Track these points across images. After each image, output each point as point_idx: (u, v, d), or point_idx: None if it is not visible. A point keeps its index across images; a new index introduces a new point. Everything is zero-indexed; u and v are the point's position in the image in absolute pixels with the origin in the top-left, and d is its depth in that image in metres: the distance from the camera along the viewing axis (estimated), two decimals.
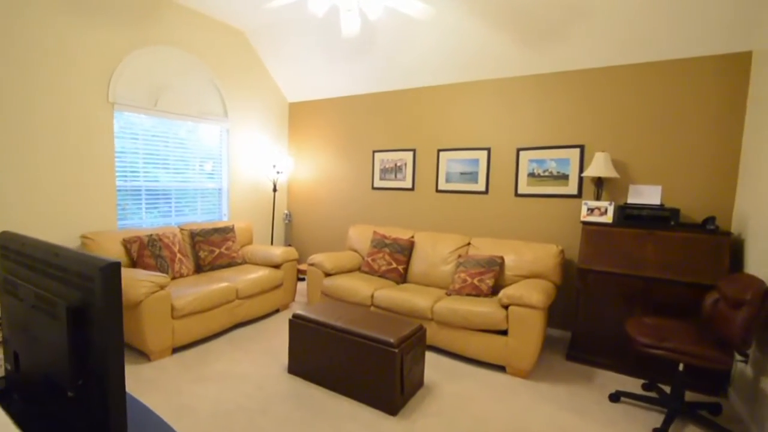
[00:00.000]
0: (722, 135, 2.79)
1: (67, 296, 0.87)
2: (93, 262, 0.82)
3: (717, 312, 2.25)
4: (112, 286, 0.81)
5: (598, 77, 3.16)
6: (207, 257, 3.64)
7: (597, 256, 2.89)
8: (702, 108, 2.84)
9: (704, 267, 2.58)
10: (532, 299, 2.64)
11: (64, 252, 0.90)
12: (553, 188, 3.36)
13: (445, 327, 2.97)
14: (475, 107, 3.72)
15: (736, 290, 2.09)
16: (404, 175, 4.17)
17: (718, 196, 2.81)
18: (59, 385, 0.90)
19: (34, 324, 0.94)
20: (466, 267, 3.33)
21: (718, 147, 2.80)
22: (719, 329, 2.16)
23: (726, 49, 2.72)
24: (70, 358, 0.84)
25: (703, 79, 2.82)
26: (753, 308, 1.96)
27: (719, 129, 2.79)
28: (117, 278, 0.81)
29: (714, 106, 2.80)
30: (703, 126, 2.84)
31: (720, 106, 2.78)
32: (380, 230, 4.02)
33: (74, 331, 0.84)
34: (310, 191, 4.92)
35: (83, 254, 0.87)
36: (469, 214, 3.81)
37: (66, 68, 2.99)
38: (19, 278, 1.00)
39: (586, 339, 2.93)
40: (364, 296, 3.33)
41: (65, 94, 3.01)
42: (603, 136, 3.16)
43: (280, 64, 4.53)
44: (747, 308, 1.98)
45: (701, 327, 2.38)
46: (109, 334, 0.81)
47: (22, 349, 1.00)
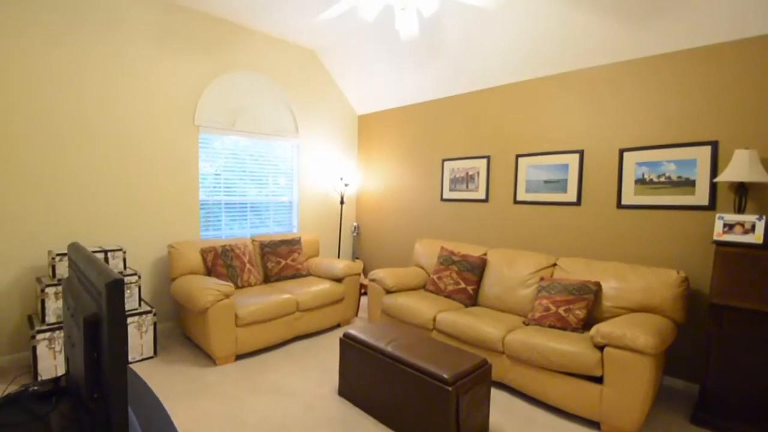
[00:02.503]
0: None
1: (88, 308, 0.89)
2: (103, 276, 0.83)
3: None
4: (115, 302, 0.81)
5: (733, 52, 2.40)
6: (274, 268, 3.68)
7: (738, 288, 2.12)
8: None
9: None
10: (637, 341, 2.01)
11: (93, 264, 0.94)
12: (671, 197, 2.62)
13: (520, 364, 2.46)
14: (562, 104, 3.16)
15: None
16: (477, 185, 3.74)
17: None
18: (81, 394, 0.94)
19: (73, 332, 1.00)
20: (550, 293, 2.76)
21: None
22: None
23: None
24: (86, 370, 0.88)
25: None
26: None
27: None
28: (120, 294, 0.81)
29: None
30: None
31: None
32: (448, 246, 3.64)
33: (91, 344, 0.86)
34: (378, 203, 4.76)
35: (103, 267, 0.89)
36: (556, 230, 3.22)
37: (156, 95, 3.31)
38: (71, 287, 1.09)
39: (720, 398, 2.15)
40: (426, 318, 2.98)
41: (157, 118, 3.33)
42: (745, 127, 2.37)
43: (348, 77, 4.52)
44: None
45: None
46: (111, 350, 0.81)
47: (70, 355, 1.09)
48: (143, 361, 2.80)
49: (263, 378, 2.62)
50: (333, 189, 4.77)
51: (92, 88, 2.98)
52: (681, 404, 2.45)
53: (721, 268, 2.20)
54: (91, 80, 2.97)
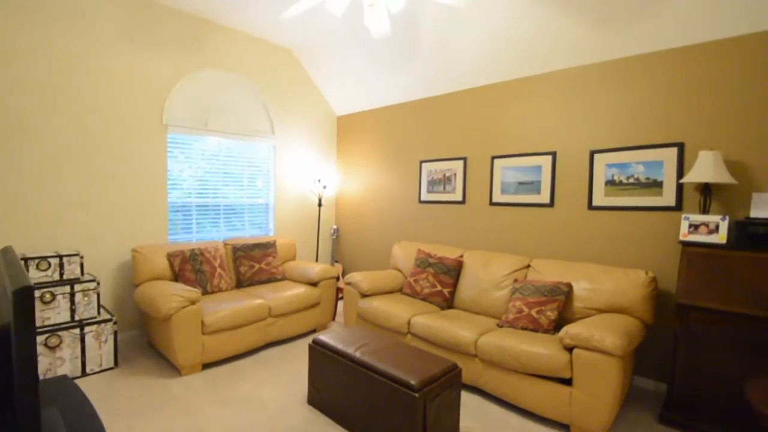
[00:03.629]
0: None
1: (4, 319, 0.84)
2: (13, 283, 0.76)
3: None
4: (22, 312, 0.73)
5: (699, 55, 2.44)
6: (247, 272, 3.58)
7: (704, 289, 2.14)
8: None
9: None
10: (605, 342, 2.01)
11: (12, 269, 0.86)
12: (640, 198, 2.65)
13: (492, 367, 2.44)
14: (535, 106, 3.17)
15: None
16: (454, 187, 3.73)
17: None
18: None
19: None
20: (523, 294, 2.76)
21: None
22: None
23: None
24: None
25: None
26: None
27: None
28: (29, 304, 0.74)
29: None
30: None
31: None
32: (425, 248, 3.61)
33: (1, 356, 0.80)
34: (357, 205, 4.71)
35: (17, 273, 0.81)
36: (530, 231, 3.22)
37: (121, 92, 3.20)
38: None
39: (687, 397, 2.17)
40: (400, 322, 2.93)
41: (122, 116, 3.21)
42: (710, 129, 2.41)
43: (327, 77, 4.46)
44: None
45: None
46: (19, 366, 0.74)
47: None
48: (102, 372, 2.67)
49: (231, 388, 2.53)
50: (311, 191, 4.69)
51: (50, 82, 2.84)
52: (650, 404, 2.46)
53: (687, 268, 2.22)
54: (49, 74, 2.83)
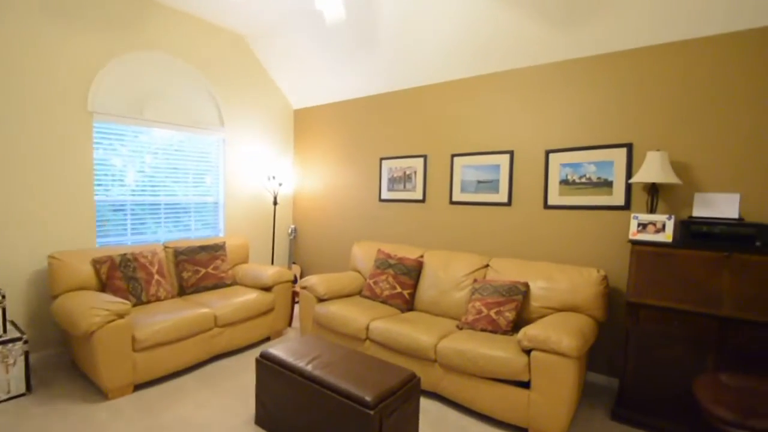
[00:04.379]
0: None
1: None
2: None
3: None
4: None
5: (649, 57, 2.50)
6: (191, 278, 3.30)
7: (652, 286, 2.20)
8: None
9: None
10: (561, 344, 2.00)
11: None
12: (592, 198, 2.69)
13: (452, 372, 2.38)
14: (494, 104, 3.15)
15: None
16: (414, 185, 3.65)
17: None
18: None
19: None
20: (482, 294, 2.73)
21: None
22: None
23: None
24: None
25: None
26: None
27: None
28: None
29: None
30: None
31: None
32: (385, 248, 3.51)
33: None
34: (316, 204, 4.52)
35: None
36: (489, 230, 3.21)
37: (40, 74, 2.79)
38: None
39: (637, 394, 2.23)
40: (359, 327, 2.81)
41: (38, 102, 2.81)
42: (657, 131, 2.48)
43: (282, 68, 4.21)
44: None
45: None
46: None
47: None
48: (11, 400, 2.30)
49: (167, 411, 2.28)
50: (265, 188, 4.43)
51: None
52: (603, 399, 2.52)
53: (637, 266, 2.28)
54: None
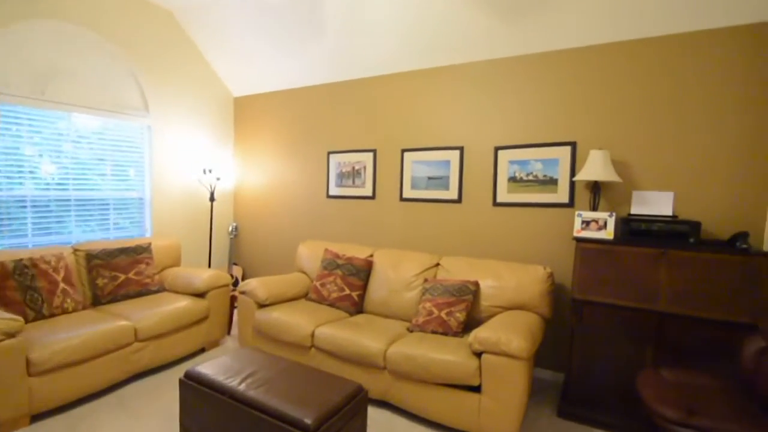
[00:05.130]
0: (751, 126, 2.18)
1: None
2: None
3: (765, 368, 1.61)
4: None
5: (594, 56, 2.54)
6: (107, 285, 2.88)
7: (595, 283, 2.23)
8: (724, 93, 2.23)
9: (736, 299, 1.94)
10: (511, 346, 1.96)
11: None
12: (539, 195, 2.70)
13: (401, 379, 2.26)
14: (445, 98, 3.07)
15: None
16: (363, 181, 3.49)
17: (749, 206, 2.20)
18: None
19: None
20: (433, 295, 2.64)
21: (747, 141, 2.19)
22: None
23: (754, 18, 2.12)
24: None
25: (727, 56, 2.21)
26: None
27: (747, 119, 2.19)
28: None
29: (739, 91, 2.19)
30: (727, 116, 2.23)
31: (747, 90, 2.18)
32: (333, 247, 3.31)
33: None
34: (260, 200, 4.19)
35: None
36: (440, 228, 3.14)
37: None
38: None
39: (583, 390, 2.26)
40: (303, 334, 2.61)
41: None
42: (600, 130, 2.53)
43: (220, 50, 3.83)
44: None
45: (741, 386, 1.73)
46: None
47: None
48: None
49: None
50: (200, 183, 4.03)
51: None
52: (550, 396, 2.55)
53: (580, 263, 2.30)
54: None
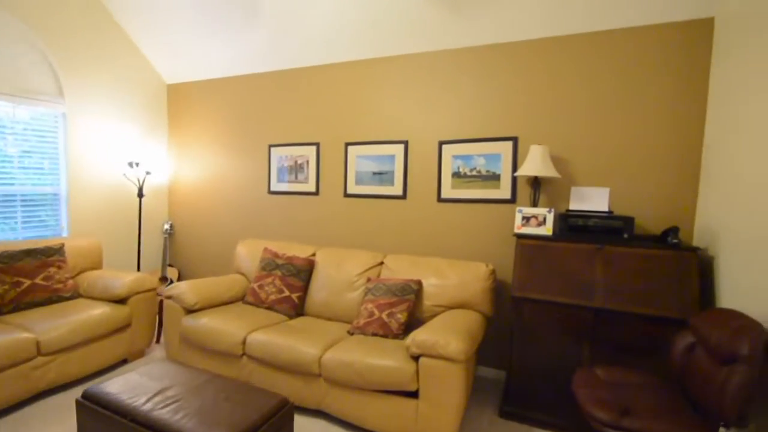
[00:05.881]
0: (681, 123, 2.22)
1: None
2: None
3: (693, 364, 1.62)
4: None
5: (534, 50, 2.50)
6: (8, 293, 2.52)
7: (535, 280, 2.20)
8: (657, 89, 2.26)
9: (668, 294, 1.96)
10: (448, 348, 1.87)
11: None
12: (482, 191, 2.65)
13: (338, 386, 2.13)
14: (390, 90, 2.94)
15: (722, 336, 1.45)
16: (306, 176, 3.30)
17: (680, 201, 2.24)
18: None
19: None
20: (375, 295, 2.52)
21: (678, 137, 2.23)
22: (699, 392, 1.52)
23: (685, 15, 2.16)
24: None
25: (658, 53, 2.24)
26: (752, 369, 1.31)
27: (678, 115, 2.23)
28: None
29: (671, 87, 2.23)
30: (658, 112, 2.26)
31: (678, 87, 2.21)
32: (272, 247, 3.11)
33: None
34: (197, 196, 3.89)
35: None
36: (385, 225, 3.02)
37: None
38: None
39: (523, 389, 2.23)
40: (234, 342, 2.40)
41: None
42: (540, 125, 2.51)
43: (149, 31, 3.48)
44: (743, 368, 1.33)
45: (672, 382, 1.75)
46: None
47: None
48: None
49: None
50: (127, 177, 3.67)
51: None
52: (492, 396, 2.51)
53: (521, 260, 2.27)
54: None
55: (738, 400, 1.31)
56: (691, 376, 1.59)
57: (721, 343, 1.44)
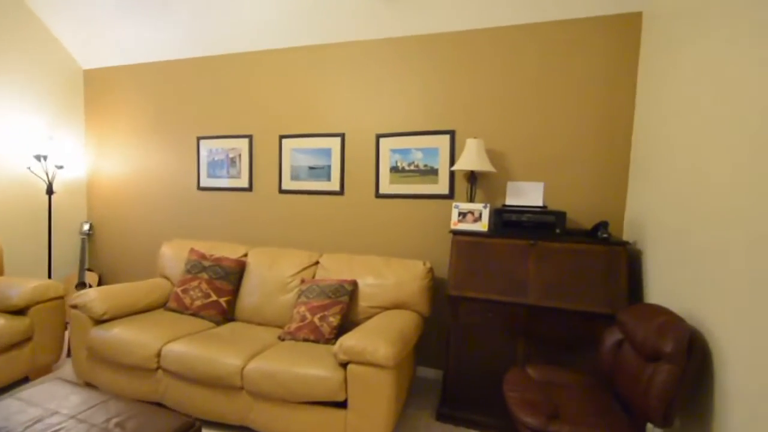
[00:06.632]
0: (612, 117, 2.23)
1: None
2: None
3: (621, 361, 1.59)
4: None
5: (470, 41, 2.42)
6: None
7: (471, 278, 2.13)
8: (588, 83, 2.25)
9: (599, 289, 1.95)
10: (377, 354, 1.75)
11: None
12: (420, 186, 2.55)
13: (262, 400, 1.95)
14: (325, 80, 2.77)
15: (648, 333, 1.43)
16: (239, 171, 3.06)
17: (611, 195, 2.25)
18: None
19: None
20: (308, 297, 2.36)
21: (607, 132, 2.24)
22: (626, 390, 1.49)
23: (614, 9, 2.15)
24: None
25: (589, 47, 2.23)
26: (677, 367, 1.29)
27: (608, 110, 2.23)
28: None
29: (601, 81, 2.22)
30: (589, 106, 2.25)
31: (607, 80, 2.21)
32: (200, 247, 2.85)
33: None
34: (120, 193, 3.52)
35: None
36: (322, 223, 2.85)
37: None
38: None
39: (461, 390, 2.16)
40: (147, 355, 2.15)
41: None
42: (477, 118, 2.44)
43: (66, 13, 3.06)
44: (668, 367, 1.30)
45: (602, 380, 1.73)
46: None
47: None
48: None
49: None
50: (33, 172, 3.24)
51: None
52: (430, 397, 2.43)
53: (457, 257, 2.19)
54: None
55: (663, 399, 1.28)
56: (619, 374, 1.57)
57: (647, 341, 1.41)
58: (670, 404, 1.28)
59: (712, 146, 1.40)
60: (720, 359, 1.27)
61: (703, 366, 1.36)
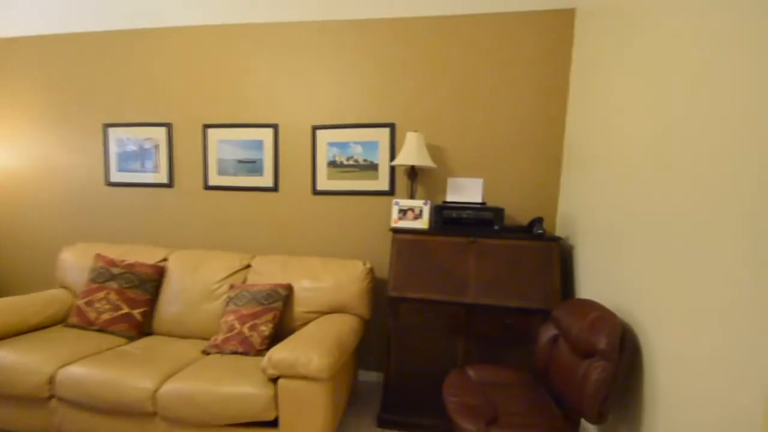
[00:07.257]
0: (546, 112, 2.25)
1: None
2: None
3: (557, 357, 1.59)
4: None
5: (408, 29, 2.32)
6: None
7: (412, 278, 2.05)
8: (523, 78, 2.25)
9: (535, 285, 1.96)
10: (310, 367, 1.60)
11: None
12: (360, 182, 2.42)
13: (180, 426, 1.72)
14: (255, 63, 2.52)
15: (582, 330, 1.43)
16: (156, 164, 2.71)
17: (546, 190, 2.28)
18: None
19: None
20: (238, 305, 2.14)
21: (541, 128, 2.26)
22: (562, 387, 1.49)
23: (547, 5, 2.16)
24: None
25: (524, 42, 2.22)
26: (610, 363, 1.29)
27: (543, 105, 2.25)
28: None
29: (536, 76, 2.23)
30: (525, 101, 2.26)
31: (542, 76, 2.23)
32: (108, 252, 2.49)
33: None
34: (13, 190, 2.97)
35: None
36: (253, 222, 2.62)
37: None
38: None
39: (402, 394, 2.08)
40: (37, 382, 1.81)
41: None
42: (416, 111, 2.35)
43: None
44: (602, 363, 1.30)
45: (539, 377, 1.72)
46: None
47: None
48: None
49: None
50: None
51: None
52: (372, 402, 2.33)
53: (397, 256, 2.09)
54: None
55: (597, 396, 1.28)
56: (555, 370, 1.57)
57: (581, 337, 1.41)
58: (604, 401, 1.29)
59: (635, 145, 1.43)
60: (649, 353, 1.29)
61: (634, 360, 1.39)
